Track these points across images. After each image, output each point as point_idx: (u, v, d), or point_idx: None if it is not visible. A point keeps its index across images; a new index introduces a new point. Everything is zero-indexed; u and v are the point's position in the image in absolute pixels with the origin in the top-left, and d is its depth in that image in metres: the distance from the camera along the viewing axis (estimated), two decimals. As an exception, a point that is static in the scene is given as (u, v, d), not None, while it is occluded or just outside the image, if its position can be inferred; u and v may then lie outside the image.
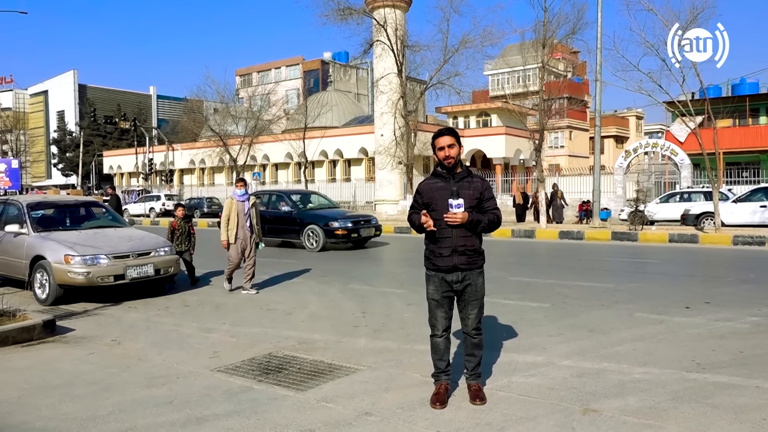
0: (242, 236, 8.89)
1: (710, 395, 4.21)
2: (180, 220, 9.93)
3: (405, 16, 31.75)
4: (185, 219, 10.05)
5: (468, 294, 4.07)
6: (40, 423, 3.96)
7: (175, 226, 9.85)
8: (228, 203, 8.93)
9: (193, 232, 10.04)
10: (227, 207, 8.89)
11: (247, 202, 8.95)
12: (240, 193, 8.91)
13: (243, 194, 8.93)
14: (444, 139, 4.00)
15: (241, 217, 8.87)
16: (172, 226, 9.87)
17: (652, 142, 27.96)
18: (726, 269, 11.46)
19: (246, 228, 8.91)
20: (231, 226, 8.84)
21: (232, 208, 8.84)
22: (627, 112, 64.01)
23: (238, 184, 9.09)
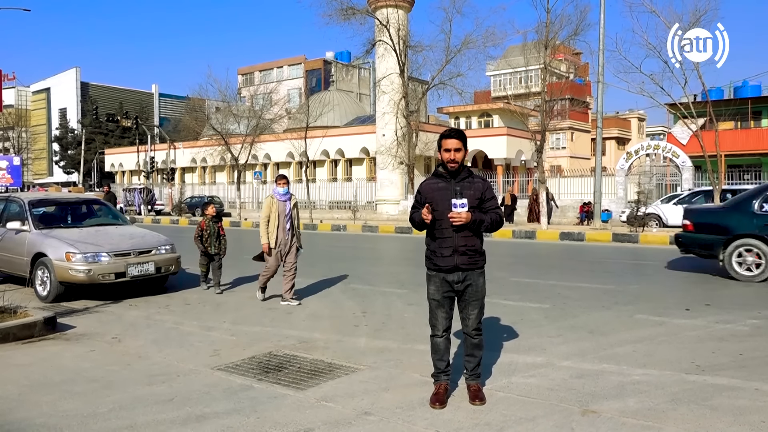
0: (282, 240, 7.94)
1: (709, 397, 4.21)
2: (209, 219, 9.00)
3: (407, 16, 31.76)
4: (214, 219, 9.07)
5: (469, 294, 4.08)
6: (41, 420, 3.97)
7: (203, 226, 8.99)
8: (267, 203, 7.95)
9: (223, 233, 9.11)
10: (267, 207, 7.95)
11: (289, 201, 8.02)
12: (281, 192, 7.98)
13: (285, 193, 8.00)
14: (452, 142, 3.99)
15: (281, 218, 7.92)
16: (200, 226, 9.00)
17: (653, 143, 27.93)
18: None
19: (287, 231, 7.97)
20: (271, 229, 7.91)
21: (273, 209, 7.89)
22: (629, 113, 63.97)
23: (279, 182, 8.07)
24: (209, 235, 8.93)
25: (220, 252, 9.00)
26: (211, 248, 8.88)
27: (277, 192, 8.02)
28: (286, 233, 7.99)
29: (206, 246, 8.91)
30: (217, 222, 9.05)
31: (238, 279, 10.19)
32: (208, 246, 8.91)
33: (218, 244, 9.00)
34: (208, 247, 8.90)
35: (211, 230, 8.95)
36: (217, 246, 8.98)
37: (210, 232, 8.93)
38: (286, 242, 7.99)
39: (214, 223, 9.01)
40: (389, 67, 29.88)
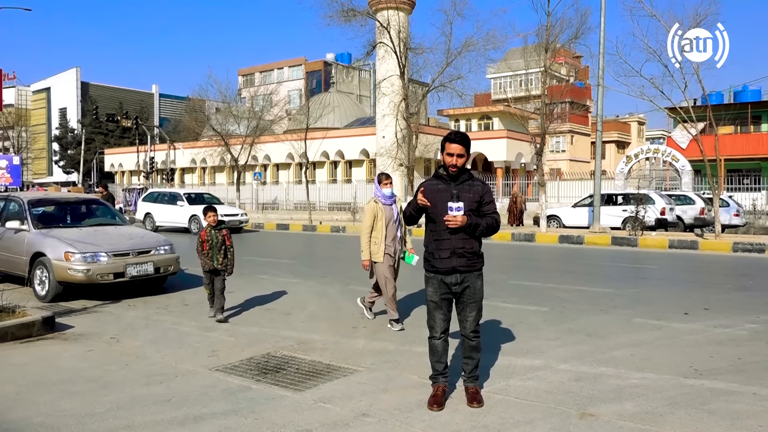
0: (393, 251, 6.58)
1: (707, 401, 4.22)
2: (210, 228, 7.32)
3: (408, 19, 31.78)
4: (217, 227, 7.38)
5: (467, 296, 4.09)
6: (39, 419, 3.97)
7: (204, 236, 7.31)
8: (370, 209, 6.52)
9: (229, 243, 7.37)
10: (369, 214, 6.50)
11: (395, 205, 6.64)
12: (387, 194, 6.53)
13: (390, 195, 6.57)
14: (455, 147, 4.00)
15: (390, 226, 6.53)
16: (201, 237, 7.34)
17: (653, 147, 27.99)
18: (725, 276, 11.46)
19: (397, 240, 6.60)
20: (376, 239, 6.48)
21: (378, 215, 6.47)
22: (629, 117, 64.03)
23: (384, 182, 6.58)
24: (211, 246, 7.26)
25: (225, 267, 7.30)
26: (214, 261, 7.26)
27: (382, 194, 6.54)
28: (397, 243, 6.60)
29: (208, 260, 7.26)
30: (220, 230, 7.37)
31: (239, 279, 10.18)
32: (210, 259, 7.27)
33: (223, 257, 7.29)
34: (210, 261, 7.27)
35: (213, 240, 7.28)
36: (222, 260, 7.27)
37: (212, 243, 7.27)
38: (397, 253, 6.65)
39: (217, 232, 7.32)
40: (389, 69, 29.89)
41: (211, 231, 7.32)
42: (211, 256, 7.28)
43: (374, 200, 6.58)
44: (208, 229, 7.34)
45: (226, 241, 7.36)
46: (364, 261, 6.59)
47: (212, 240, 7.27)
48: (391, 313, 6.62)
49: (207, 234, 7.31)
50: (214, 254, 7.26)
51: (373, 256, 6.53)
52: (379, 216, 6.48)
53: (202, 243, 7.30)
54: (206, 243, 7.27)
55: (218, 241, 7.30)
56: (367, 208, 6.58)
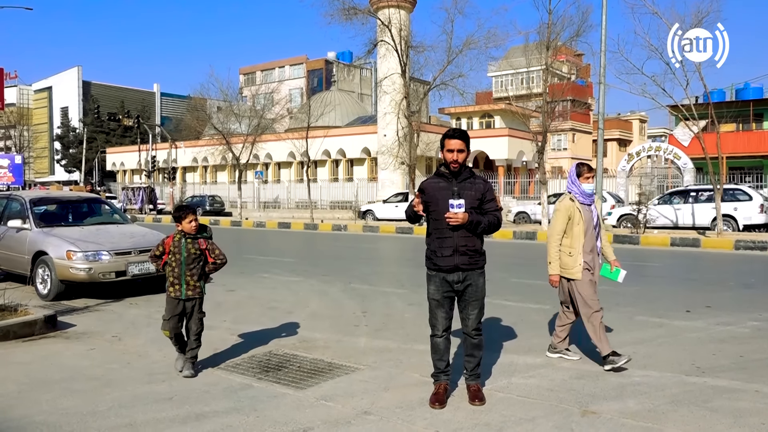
0: (593, 263, 5.10)
1: (709, 399, 4.21)
2: (180, 236, 4.96)
3: (409, 17, 31.76)
4: (195, 235, 5.00)
5: (469, 294, 4.08)
6: (41, 417, 3.97)
7: (168, 246, 4.96)
8: (565, 208, 5.07)
9: (213, 259, 5.03)
10: (563, 214, 5.06)
11: (594, 206, 5.20)
12: (588, 191, 5.11)
13: (591, 193, 5.16)
14: (455, 143, 4.01)
15: (589, 233, 5.07)
16: (164, 245, 4.98)
17: (655, 145, 27.97)
18: (727, 274, 11.44)
19: (597, 249, 5.17)
20: (571, 248, 5.02)
21: (574, 218, 5.03)
22: (630, 115, 63.93)
23: (585, 175, 5.14)
24: (177, 263, 4.89)
25: (200, 295, 4.99)
26: (182, 286, 4.87)
27: (581, 191, 5.10)
28: (596, 253, 5.18)
29: (171, 283, 4.90)
30: (196, 239, 4.98)
31: (240, 277, 10.19)
32: (175, 284, 4.89)
33: (197, 279, 4.95)
34: (174, 287, 4.89)
35: (183, 254, 4.90)
36: (196, 284, 4.94)
37: (179, 259, 4.89)
38: (597, 266, 5.22)
39: (191, 242, 4.95)
40: (391, 68, 29.86)
41: (182, 240, 4.92)
42: (176, 277, 4.87)
43: (570, 197, 5.11)
44: (176, 237, 4.95)
45: (208, 256, 5.00)
46: (553, 276, 5.10)
47: (180, 253, 4.90)
48: (602, 346, 4.96)
49: (174, 243, 4.94)
50: (182, 275, 4.86)
51: (567, 271, 5.03)
52: (575, 219, 5.01)
53: (161, 255, 4.98)
54: (171, 256, 4.92)
55: (188, 257, 4.90)
56: (561, 207, 5.10)
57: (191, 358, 4.98)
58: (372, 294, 8.67)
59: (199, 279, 5.00)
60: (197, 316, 5.03)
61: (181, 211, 5.07)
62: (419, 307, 7.54)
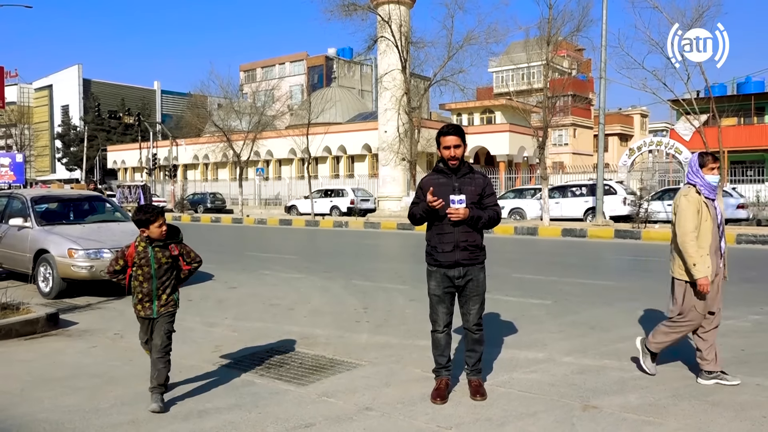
0: (716, 266, 4.45)
1: (710, 393, 4.21)
2: (147, 243, 4.17)
3: (409, 12, 31.67)
4: (165, 242, 4.21)
5: (469, 289, 4.08)
6: (43, 415, 3.99)
7: (130, 256, 4.18)
8: (694, 201, 4.39)
9: (188, 266, 4.34)
10: (693, 208, 4.36)
11: (717, 201, 4.59)
12: (713, 184, 4.46)
13: (715, 187, 4.51)
14: (451, 139, 4.01)
15: (714, 231, 4.43)
16: (125, 257, 4.19)
17: (656, 140, 27.93)
18: (729, 268, 11.41)
19: (721, 249, 4.51)
20: (703, 245, 4.35)
21: (703, 213, 4.39)
22: (631, 110, 63.82)
23: (709, 165, 4.45)
24: (147, 277, 4.15)
25: (169, 311, 4.24)
26: (153, 302, 4.19)
27: (706, 183, 4.43)
28: (720, 255, 4.50)
29: (140, 300, 4.21)
30: (166, 247, 4.20)
31: (242, 274, 10.21)
32: (145, 301, 4.20)
33: (170, 293, 4.24)
34: (141, 303, 4.22)
35: (151, 265, 4.15)
36: (165, 300, 4.22)
37: (148, 272, 4.15)
38: (720, 271, 4.52)
39: (159, 251, 4.17)
40: (391, 64, 29.84)
41: (148, 248, 4.16)
42: (149, 291, 4.15)
43: (695, 190, 4.42)
44: (141, 246, 4.16)
45: (182, 263, 4.30)
46: (701, 280, 4.28)
47: (150, 264, 4.14)
48: (708, 363, 4.42)
49: (139, 253, 4.15)
50: (154, 290, 4.15)
51: (696, 273, 4.30)
52: (704, 214, 4.36)
53: (122, 270, 4.22)
54: (138, 268, 4.16)
55: (163, 266, 4.17)
56: (691, 200, 4.37)
57: (158, 386, 4.03)
58: (373, 290, 8.68)
59: (173, 291, 4.26)
60: (164, 327, 4.16)
61: (147, 214, 4.12)
62: (420, 302, 7.54)
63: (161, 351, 4.14)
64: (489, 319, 6.15)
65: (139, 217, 4.18)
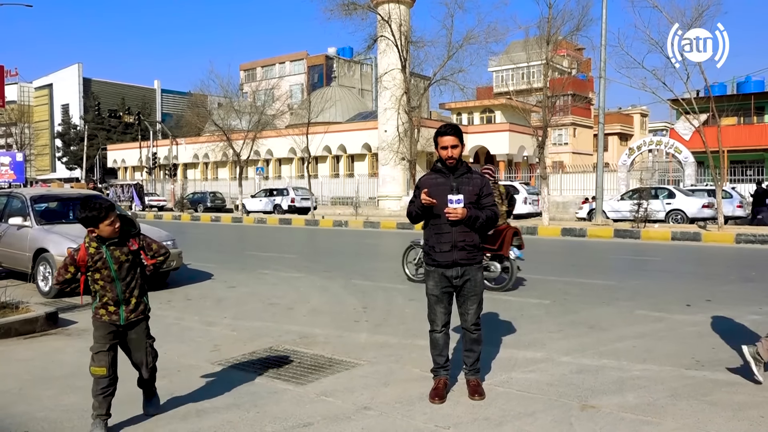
0: None
1: (709, 392, 4.21)
2: (99, 243, 3.63)
3: (409, 12, 31.68)
4: (120, 239, 3.66)
5: (467, 289, 4.09)
6: (42, 414, 3.99)
7: (82, 258, 3.61)
8: None
9: (152, 260, 3.81)
10: None
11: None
12: None
13: None
14: (448, 139, 4.01)
15: None
16: (75, 262, 3.62)
17: (656, 139, 27.91)
18: (728, 267, 11.44)
19: None
20: None
21: None
22: (631, 109, 63.84)
23: None
24: (108, 281, 3.68)
25: (140, 318, 3.81)
26: (120, 307, 3.73)
27: None
28: None
29: (104, 304, 3.74)
30: (124, 244, 3.68)
31: (241, 273, 10.21)
32: (109, 306, 3.73)
33: (138, 297, 3.78)
34: (106, 309, 3.75)
35: (110, 267, 3.65)
36: (135, 304, 3.77)
37: (109, 274, 3.67)
38: None
39: (117, 249, 3.65)
40: (391, 63, 29.84)
41: (102, 248, 3.62)
42: (115, 297, 3.68)
43: None
44: (92, 247, 3.61)
45: (145, 257, 3.79)
46: None
47: (109, 266, 3.63)
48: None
49: (93, 256, 3.61)
50: (120, 294, 3.68)
51: None
52: None
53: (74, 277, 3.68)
54: (93, 270, 3.65)
55: (123, 265, 3.68)
56: None
57: (156, 405, 3.89)
58: (373, 290, 8.68)
59: (142, 293, 3.78)
60: (145, 343, 3.79)
61: (94, 210, 3.53)
62: (419, 302, 7.55)
63: (150, 369, 3.84)
64: (488, 319, 6.16)
65: (84, 214, 3.56)
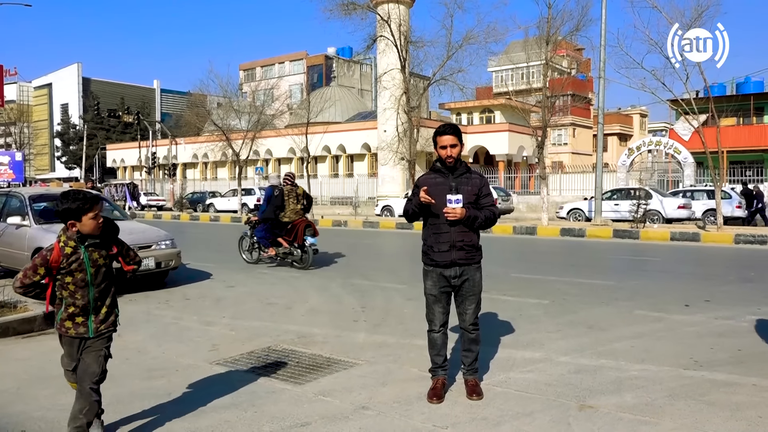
0: None
1: (707, 392, 4.21)
2: (77, 243, 3.25)
3: (409, 12, 31.69)
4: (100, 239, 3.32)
5: (465, 289, 4.08)
6: (39, 413, 3.99)
7: (55, 258, 3.21)
8: None
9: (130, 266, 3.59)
10: None
11: None
12: None
13: None
14: (447, 139, 4.01)
15: None
16: (48, 263, 3.21)
17: (655, 140, 27.94)
18: (727, 268, 11.44)
19: None
20: None
21: None
22: (631, 109, 63.87)
23: None
24: (81, 285, 3.30)
25: (109, 330, 3.45)
26: (89, 316, 3.36)
27: None
28: None
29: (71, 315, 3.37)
30: (99, 246, 3.34)
31: (240, 273, 10.20)
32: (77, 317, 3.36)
33: (108, 306, 3.43)
34: (72, 319, 3.38)
35: (86, 270, 3.29)
36: (105, 314, 3.41)
37: (83, 278, 3.30)
38: None
39: (95, 252, 3.33)
40: (390, 63, 29.81)
41: (80, 248, 3.27)
42: (86, 304, 3.31)
43: None
44: (69, 246, 3.25)
45: (123, 264, 3.53)
46: None
47: (86, 269, 3.27)
48: None
49: (67, 256, 3.24)
50: (92, 302, 3.32)
51: None
52: None
53: (43, 273, 3.24)
54: (63, 275, 3.27)
55: (100, 269, 3.34)
56: None
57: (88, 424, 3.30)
58: (371, 289, 8.68)
59: (114, 303, 3.45)
60: (101, 352, 3.36)
61: (77, 201, 3.16)
62: (418, 302, 7.54)
63: (95, 381, 3.30)
64: (486, 319, 6.15)
65: (66, 205, 3.15)
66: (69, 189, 3.19)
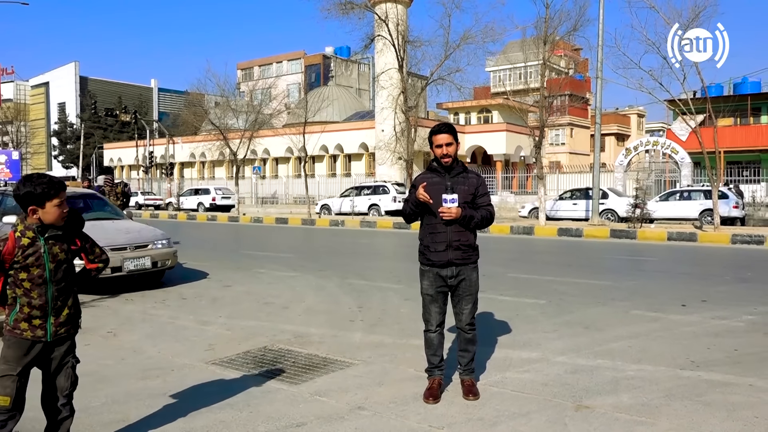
0: None
1: (703, 393, 4.21)
2: (36, 234, 2.91)
3: (407, 11, 31.68)
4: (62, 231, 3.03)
5: (462, 289, 4.07)
6: (33, 413, 3.94)
7: (10, 256, 2.82)
8: None
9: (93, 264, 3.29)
10: None
11: None
12: None
13: None
14: (443, 137, 4.00)
15: None
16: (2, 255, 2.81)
17: (653, 140, 27.96)
18: (723, 268, 11.45)
19: None
20: None
21: None
22: (628, 109, 63.95)
23: None
24: (39, 282, 2.91)
25: (70, 333, 3.10)
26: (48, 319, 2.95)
27: None
28: None
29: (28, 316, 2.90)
30: (64, 240, 3.06)
31: (237, 272, 10.18)
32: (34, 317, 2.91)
33: (69, 306, 3.07)
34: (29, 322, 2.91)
35: (45, 265, 2.91)
36: (66, 316, 3.04)
37: (41, 274, 2.91)
38: None
39: (56, 245, 3.00)
40: (388, 62, 29.82)
41: (39, 240, 2.94)
42: (43, 304, 2.93)
43: None
44: (27, 237, 2.91)
45: (86, 260, 3.26)
46: None
47: (44, 264, 2.93)
48: None
49: (24, 248, 2.89)
50: (50, 301, 2.95)
51: None
52: None
53: None
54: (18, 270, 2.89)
55: (61, 265, 3.01)
56: None
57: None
58: (368, 289, 8.67)
59: (76, 303, 3.12)
60: (69, 362, 3.08)
61: (42, 185, 2.87)
62: (415, 302, 7.52)
63: (68, 395, 3.04)
64: (483, 319, 6.15)
65: (27, 189, 2.83)
66: (33, 173, 2.90)
